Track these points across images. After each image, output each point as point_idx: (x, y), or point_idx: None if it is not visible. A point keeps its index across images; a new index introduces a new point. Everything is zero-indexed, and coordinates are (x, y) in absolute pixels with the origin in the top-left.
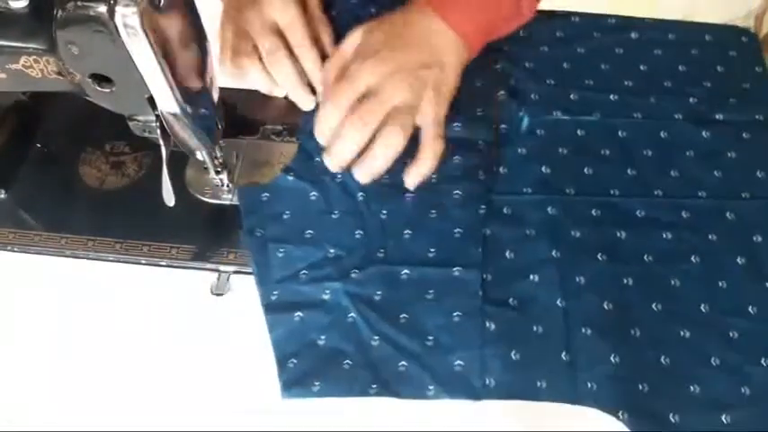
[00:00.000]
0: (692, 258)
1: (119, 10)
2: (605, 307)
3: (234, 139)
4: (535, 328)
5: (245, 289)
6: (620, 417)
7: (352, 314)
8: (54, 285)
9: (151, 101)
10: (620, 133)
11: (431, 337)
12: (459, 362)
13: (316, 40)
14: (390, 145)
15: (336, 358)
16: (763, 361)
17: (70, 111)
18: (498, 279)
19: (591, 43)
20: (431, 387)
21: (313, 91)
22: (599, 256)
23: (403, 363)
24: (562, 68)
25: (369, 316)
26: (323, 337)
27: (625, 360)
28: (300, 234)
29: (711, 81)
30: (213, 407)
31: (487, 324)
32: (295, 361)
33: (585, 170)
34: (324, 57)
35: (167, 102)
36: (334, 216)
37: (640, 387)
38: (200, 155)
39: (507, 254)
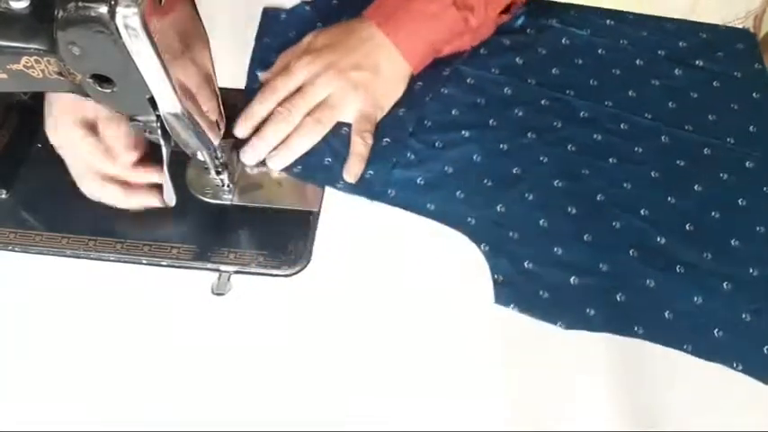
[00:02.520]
0: (610, 159)
1: (120, 11)
2: (513, 171)
3: (234, 140)
4: (446, 168)
5: (245, 289)
6: (482, 248)
7: None
8: (55, 285)
9: (152, 101)
10: (599, 51)
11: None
12: (370, 171)
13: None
14: (305, 136)
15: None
16: (631, 251)
17: None
18: (434, 128)
19: (587, 32)
20: (340, 182)
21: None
22: (528, 135)
23: (328, 159)
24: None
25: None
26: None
27: (509, 211)
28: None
29: (708, 34)
30: (213, 407)
31: (408, 154)
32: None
33: (553, 70)
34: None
35: (168, 102)
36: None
37: (511, 234)
38: (201, 155)
39: (453, 111)
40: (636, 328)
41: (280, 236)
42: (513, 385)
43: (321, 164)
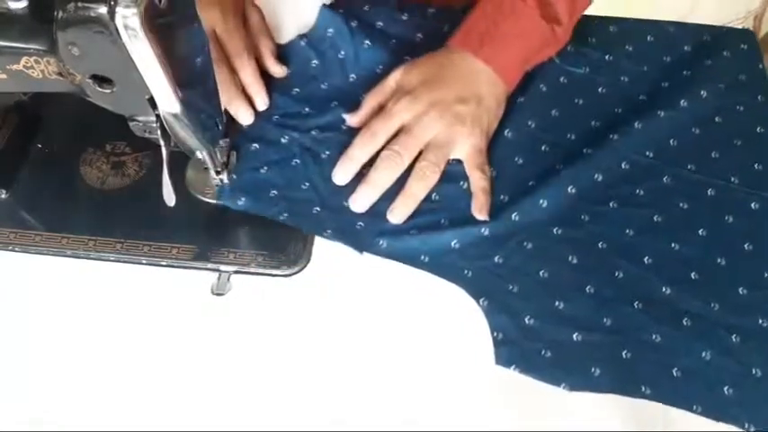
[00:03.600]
0: (611, 203)
1: (119, 11)
2: (512, 218)
3: (234, 140)
4: (441, 220)
5: (245, 289)
6: (481, 303)
7: (297, 160)
8: (54, 285)
9: (151, 101)
10: (600, 89)
11: (348, 202)
12: (360, 223)
13: (255, 51)
14: (424, 180)
15: (267, 187)
16: (636, 304)
17: (71, 111)
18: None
19: (585, 70)
20: (329, 231)
21: (251, 103)
22: (529, 183)
23: (317, 208)
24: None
25: (310, 167)
26: (265, 168)
27: (507, 262)
28: (289, 89)
29: (714, 61)
30: (213, 407)
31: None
32: (234, 177)
33: (553, 112)
34: (262, 70)
35: (167, 102)
36: (322, 86)
37: (510, 287)
38: (201, 155)
39: (450, 159)
40: (643, 389)
41: (279, 236)
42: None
43: (309, 212)
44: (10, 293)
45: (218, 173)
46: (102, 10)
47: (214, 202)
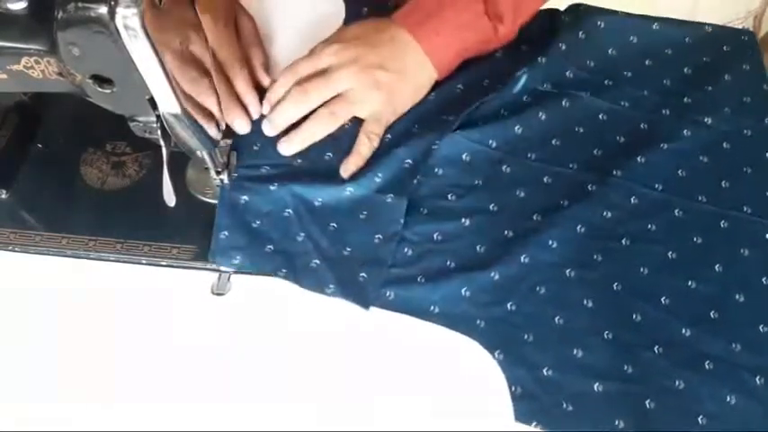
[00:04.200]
0: (623, 241)
1: (119, 11)
2: (521, 260)
3: (234, 140)
4: (448, 263)
5: (245, 289)
6: (496, 356)
7: (289, 209)
8: (54, 285)
9: (152, 101)
10: (600, 116)
11: (348, 249)
12: (363, 274)
13: (248, 62)
14: (317, 126)
15: (262, 241)
16: (656, 348)
17: (71, 111)
18: (430, 216)
19: (595, 29)
20: (331, 286)
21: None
22: (534, 217)
23: (316, 261)
24: (566, 48)
25: (303, 215)
26: (258, 222)
27: (521, 309)
28: (278, 138)
29: (714, 86)
30: (213, 406)
31: (405, 249)
32: (227, 233)
33: (553, 141)
34: (255, 80)
35: (168, 102)
36: None
37: (525, 336)
38: (201, 155)
39: (449, 196)
40: None
41: None
42: None
43: (308, 266)
44: (10, 293)
45: (218, 173)
46: (103, 10)
47: (214, 202)
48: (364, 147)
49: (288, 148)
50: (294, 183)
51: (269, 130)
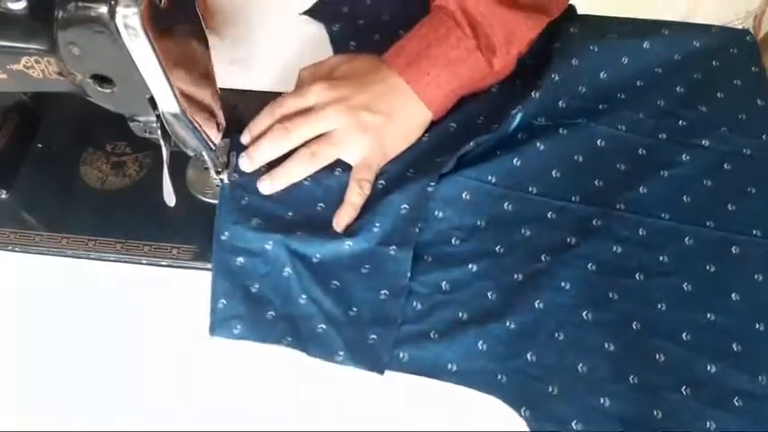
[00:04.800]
0: (637, 276)
1: (120, 11)
2: (536, 305)
3: (234, 140)
4: (460, 314)
5: None
6: (523, 414)
7: (288, 269)
8: (55, 285)
9: (152, 101)
10: (598, 142)
11: (354, 309)
12: (373, 336)
13: None
14: (297, 167)
15: (262, 307)
16: (683, 389)
17: (71, 111)
18: (435, 264)
19: (587, 54)
20: (340, 353)
21: None
22: (543, 257)
23: (322, 325)
24: (559, 78)
25: (303, 274)
26: (256, 286)
27: (541, 359)
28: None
29: (707, 105)
30: (213, 406)
31: (414, 303)
32: (225, 302)
33: (554, 173)
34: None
35: (168, 102)
36: (306, 183)
37: (550, 389)
38: (201, 155)
39: (453, 240)
40: None
41: None
42: None
43: (314, 331)
44: (10, 293)
45: (218, 173)
46: (103, 9)
47: (214, 202)
48: (355, 195)
49: (268, 186)
50: (290, 238)
51: (246, 165)
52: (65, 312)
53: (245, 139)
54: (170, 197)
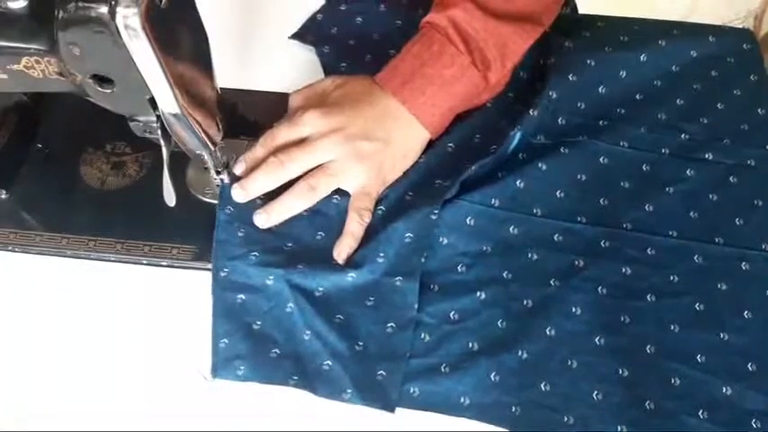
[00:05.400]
0: (648, 297)
1: (120, 11)
2: (547, 333)
3: (234, 140)
4: (470, 345)
5: None
6: None
7: (291, 304)
8: (55, 285)
9: (152, 101)
10: (601, 160)
11: (361, 343)
12: (381, 372)
13: None
14: (295, 200)
15: (266, 345)
16: (700, 413)
17: (71, 111)
18: (442, 293)
19: (584, 69)
20: (348, 391)
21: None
22: (552, 282)
23: (328, 362)
24: (556, 95)
25: (306, 309)
26: (259, 323)
27: (555, 389)
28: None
29: (708, 117)
30: (213, 406)
31: (422, 335)
32: (226, 341)
33: (558, 193)
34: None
35: (168, 102)
36: (303, 212)
37: (565, 419)
38: (201, 155)
39: (459, 267)
40: None
41: None
42: None
43: (320, 369)
44: (10, 293)
45: (218, 173)
46: (103, 10)
47: (214, 202)
48: (355, 225)
49: (264, 220)
50: (291, 272)
51: (240, 196)
52: (65, 312)
53: (239, 169)
54: (170, 197)
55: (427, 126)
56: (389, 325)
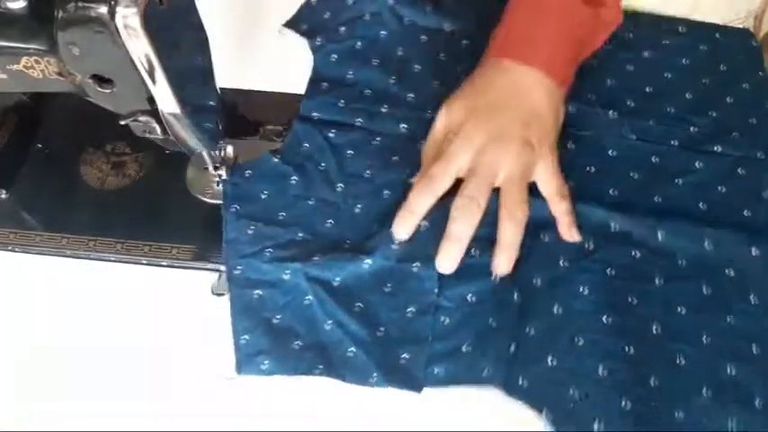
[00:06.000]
0: (656, 280)
1: (119, 11)
2: (554, 311)
3: (234, 140)
4: (490, 321)
5: None
6: (544, 415)
7: (309, 296)
8: (54, 286)
9: (152, 101)
10: (609, 152)
11: (382, 329)
12: (405, 355)
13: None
14: (515, 221)
15: (287, 338)
16: (704, 391)
17: (71, 111)
18: (460, 275)
19: (592, 62)
20: (374, 375)
21: None
22: (561, 262)
23: (351, 349)
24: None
25: (325, 300)
26: (278, 317)
27: (561, 364)
28: (274, 215)
29: (717, 111)
30: (213, 406)
31: (443, 318)
32: (247, 337)
33: (568, 183)
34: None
35: (168, 102)
36: (309, 202)
37: (571, 392)
38: (201, 155)
39: (473, 251)
40: None
41: None
42: None
43: (345, 356)
44: (10, 293)
45: (216, 168)
46: (103, 9)
47: (214, 202)
48: (564, 204)
49: (505, 266)
50: (307, 265)
51: (449, 266)
52: (65, 312)
53: (403, 232)
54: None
55: (558, 80)
56: (409, 310)
